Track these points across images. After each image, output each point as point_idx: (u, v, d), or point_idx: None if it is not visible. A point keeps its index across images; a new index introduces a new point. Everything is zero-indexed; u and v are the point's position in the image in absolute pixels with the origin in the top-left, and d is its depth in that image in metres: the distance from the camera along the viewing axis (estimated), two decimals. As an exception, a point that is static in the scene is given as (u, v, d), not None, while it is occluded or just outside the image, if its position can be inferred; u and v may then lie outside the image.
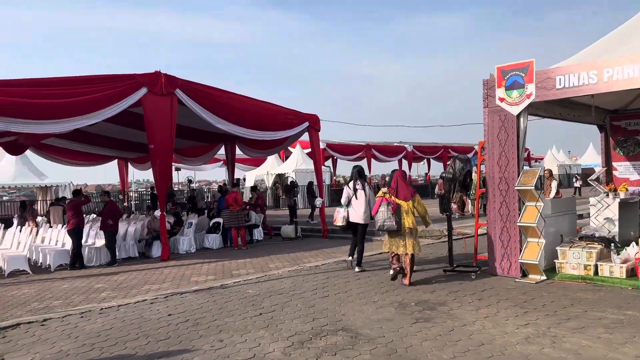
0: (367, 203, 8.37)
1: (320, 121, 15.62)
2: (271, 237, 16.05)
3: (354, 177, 8.58)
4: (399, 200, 7.35)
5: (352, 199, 8.46)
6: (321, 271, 8.76)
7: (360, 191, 8.33)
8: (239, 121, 13.58)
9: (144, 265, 11.76)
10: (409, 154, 35.77)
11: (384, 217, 7.27)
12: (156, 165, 12.40)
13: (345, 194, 8.62)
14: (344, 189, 8.78)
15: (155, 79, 12.07)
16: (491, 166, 7.69)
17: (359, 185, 8.33)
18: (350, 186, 8.58)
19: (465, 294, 6.61)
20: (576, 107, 8.74)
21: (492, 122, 7.67)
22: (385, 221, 7.27)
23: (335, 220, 8.72)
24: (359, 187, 8.33)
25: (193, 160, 20.15)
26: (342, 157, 32.49)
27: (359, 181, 8.35)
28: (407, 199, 7.37)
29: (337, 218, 8.58)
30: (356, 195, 8.34)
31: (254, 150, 17.46)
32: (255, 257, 12.21)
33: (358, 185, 8.33)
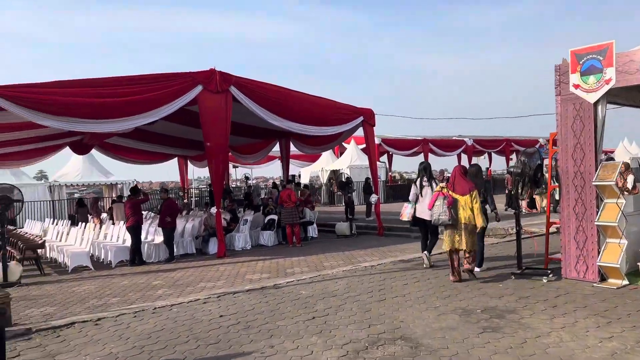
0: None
1: (375, 115, 15.13)
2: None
3: (420, 173, 8.56)
4: (456, 195, 7.21)
5: (418, 195, 8.43)
6: (377, 272, 8.32)
7: (427, 187, 8.27)
8: (293, 117, 13.34)
9: (200, 262, 11.76)
10: (468, 148, 34.45)
11: (439, 211, 7.23)
12: (212, 163, 12.37)
13: (412, 190, 8.61)
14: (412, 186, 8.79)
15: (210, 77, 12.02)
16: (565, 160, 6.98)
17: (425, 181, 8.29)
18: (417, 183, 8.54)
19: (537, 300, 5.99)
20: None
21: (565, 112, 6.95)
22: (440, 215, 7.23)
23: (401, 215, 8.80)
24: (426, 183, 8.30)
25: (248, 157, 20.19)
26: (398, 152, 31.72)
27: (426, 177, 8.32)
28: (464, 193, 7.17)
29: (404, 213, 8.66)
30: (421, 193, 8.32)
31: (308, 147, 17.21)
32: (310, 255, 11.93)
33: (425, 181, 8.30)
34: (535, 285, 6.70)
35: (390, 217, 18.41)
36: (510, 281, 7.07)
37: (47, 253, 13.74)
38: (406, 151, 31.62)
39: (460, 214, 7.12)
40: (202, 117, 12.03)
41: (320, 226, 16.57)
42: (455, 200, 7.14)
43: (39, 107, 9.99)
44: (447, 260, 8.65)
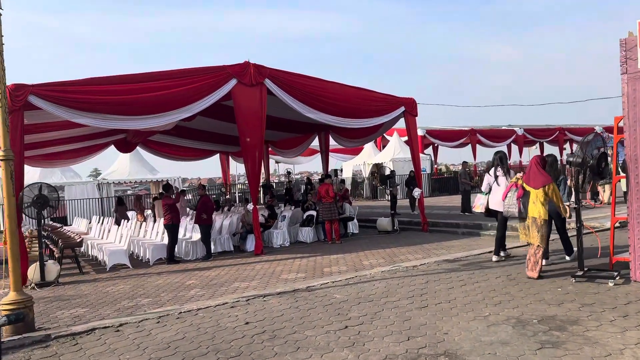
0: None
1: (418, 105, 14.32)
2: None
3: (495, 163, 8.31)
4: (529, 187, 6.83)
5: (492, 185, 8.16)
6: (419, 273, 7.64)
7: (502, 178, 8.00)
8: (330, 109, 12.75)
9: (237, 259, 11.41)
10: (519, 137, 32.82)
11: (509, 203, 7.06)
12: (247, 158, 11.98)
13: (485, 180, 8.40)
14: (485, 175, 8.58)
15: (244, 70, 11.61)
16: (634, 147, 6.08)
17: (499, 171, 8.04)
18: (490, 173, 8.29)
19: (603, 308, 5.18)
20: None
21: (633, 92, 6.04)
22: (510, 207, 7.06)
23: (474, 206, 8.71)
24: (500, 173, 8.04)
25: (287, 152, 19.78)
26: (444, 143, 30.57)
27: (500, 167, 8.08)
28: (537, 186, 6.71)
29: (477, 204, 8.53)
30: (497, 182, 8.03)
31: (347, 140, 16.58)
32: (349, 252, 11.35)
33: (499, 171, 8.05)
34: (600, 290, 5.86)
35: (436, 211, 17.58)
36: (570, 284, 6.25)
37: (89, 251, 13.80)
38: (452, 142, 30.42)
39: (530, 207, 6.73)
40: (236, 111, 11.64)
41: (361, 222, 15.95)
42: (527, 192, 6.81)
43: (74, 105, 9.87)
44: (487, 261, 7.95)
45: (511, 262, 7.96)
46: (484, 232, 12.75)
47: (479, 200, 8.42)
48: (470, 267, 7.76)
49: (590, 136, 6.19)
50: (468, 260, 8.43)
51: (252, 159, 11.83)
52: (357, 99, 13.20)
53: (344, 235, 13.96)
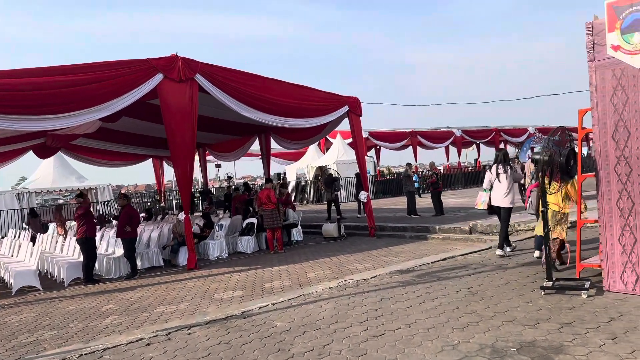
0: (510, 187, 8.13)
1: (362, 105, 13.54)
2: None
3: (498, 160, 8.34)
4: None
5: (494, 182, 8.22)
6: (371, 288, 6.73)
7: (503, 175, 8.05)
8: (269, 108, 11.70)
9: (166, 276, 10.12)
10: (457, 139, 33.06)
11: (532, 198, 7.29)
12: (177, 162, 10.71)
13: (487, 177, 8.45)
14: (486, 172, 8.62)
15: (171, 64, 10.34)
16: (603, 142, 5.45)
17: (501, 169, 8.10)
18: (492, 170, 8.31)
19: (586, 328, 4.44)
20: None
21: (602, 81, 5.41)
22: (533, 202, 7.26)
23: (476, 204, 8.81)
24: (501, 170, 8.08)
25: (226, 156, 18.51)
26: (386, 145, 30.20)
27: (502, 165, 8.13)
28: (556, 180, 6.08)
29: (479, 202, 8.63)
30: (499, 179, 8.10)
31: (289, 141, 15.57)
32: (293, 263, 10.35)
33: (500, 169, 8.10)
34: (575, 304, 5.16)
35: (381, 214, 16.89)
36: (540, 297, 5.52)
37: (-3, 272, 12.00)
38: (395, 144, 30.12)
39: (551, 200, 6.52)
40: (164, 110, 10.35)
41: (305, 228, 14.98)
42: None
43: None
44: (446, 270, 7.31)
45: (470, 271, 7.22)
46: (431, 235, 12.12)
47: (481, 198, 8.47)
48: (425, 279, 6.94)
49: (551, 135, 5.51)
50: (422, 270, 7.62)
51: (183, 164, 10.58)
52: (298, 98, 12.23)
53: (288, 243, 12.93)
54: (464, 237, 11.52)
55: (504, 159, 8.25)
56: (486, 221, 12.06)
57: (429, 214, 15.45)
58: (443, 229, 12.18)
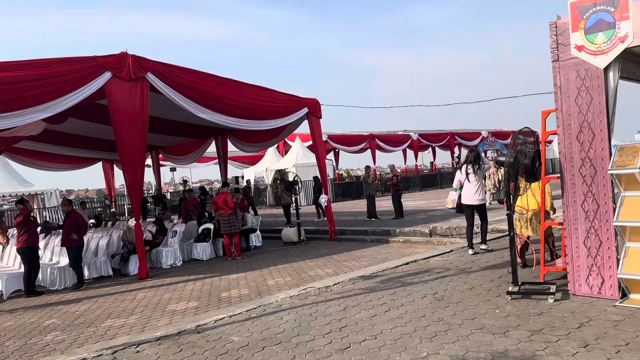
0: (480, 185, 8.39)
1: (322, 107, 13.28)
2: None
3: (468, 160, 8.56)
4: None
5: (464, 182, 8.46)
6: (334, 296, 6.43)
7: (472, 175, 8.29)
8: (226, 109, 11.26)
9: (116, 287, 9.53)
10: (414, 142, 33.41)
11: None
12: (127, 166, 10.11)
13: (457, 177, 8.71)
14: (456, 172, 8.85)
15: (120, 61, 9.76)
16: (568, 143, 5.37)
17: (470, 169, 8.34)
18: (462, 170, 8.54)
19: (556, 335, 4.29)
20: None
21: (566, 82, 5.33)
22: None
23: (447, 203, 9.29)
24: (471, 170, 8.32)
25: (181, 159, 17.84)
26: (345, 148, 30.14)
27: (471, 165, 8.36)
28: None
29: (449, 201, 9.13)
30: (469, 179, 8.33)
31: (247, 144, 15.12)
32: (251, 270, 9.94)
33: (470, 169, 8.34)
34: (542, 310, 5.03)
35: (341, 217, 16.68)
36: (506, 302, 5.37)
37: None
38: (353, 147, 30.09)
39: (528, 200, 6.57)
40: (112, 110, 9.75)
41: (264, 232, 14.58)
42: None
43: None
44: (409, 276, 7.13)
45: (434, 275, 7.04)
46: (392, 238, 11.98)
47: (450, 197, 8.93)
48: (389, 285, 6.71)
49: (526, 131, 5.38)
50: (385, 275, 7.39)
51: (133, 168, 10.00)
52: (256, 99, 11.84)
53: (246, 249, 12.50)
54: (425, 239, 11.43)
55: (474, 160, 8.42)
56: (446, 224, 12.02)
57: (389, 217, 15.35)
58: (404, 232, 12.06)
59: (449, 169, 37.66)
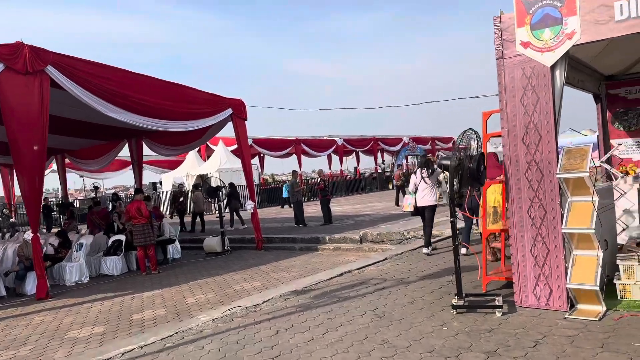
0: (434, 188, 8.68)
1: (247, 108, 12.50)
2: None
3: (421, 164, 8.86)
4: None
5: (419, 185, 8.68)
6: (264, 316, 5.70)
7: (427, 178, 8.56)
8: (139, 109, 10.16)
9: (9, 309, 8.25)
10: (339, 147, 33.30)
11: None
12: (22, 171, 8.76)
13: (412, 181, 8.95)
14: (411, 176, 9.14)
15: (15, 52, 8.47)
16: (513, 145, 5.04)
17: (425, 172, 8.65)
18: (417, 174, 8.85)
19: (514, 356, 3.86)
20: (578, 68, 6.32)
21: (511, 80, 5.01)
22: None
23: (404, 207, 9.31)
24: (425, 174, 8.63)
25: (90, 163, 16.24)
26: (270, 153, 29.34)
27: (425, 169, 8.69)
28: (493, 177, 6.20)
29: (406, 204, 9.11)
30: (425, 181, 8.57)
31: (164, 147, 13.96)
32: (169, 285, 8.98)
33: (424, 172, 8.66)
34: (492, 325, 4.62)
35: (268, 224, 15.93)
36: (452, 318, 4.93)
37: None
38: (279, 152, 29.37)
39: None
40: (4, 108, 8.42)
41: (184, 243, 13.52)
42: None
43: None
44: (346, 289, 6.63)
45: (371, 287, 6.52)
46: (322, 245, 11.45)
47: (407, 200, 8.94)
48: (324, 300, 6.09)
49: (469, 133, 4.98)
50: (319, 288, 6.77)
51: (30, 173, 8.68)
52: (174, 98, 10.83)
53: (163, 262, 11.42)
54: (355, 246, 11.00)
55: (427, 164, 8.77)
56: (376, 229, 11.68)
57: (317, 222, 14.83)
58: (334, 238, 11.57)
59: (373, 174, 38.04)
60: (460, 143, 4.91)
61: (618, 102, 8.14)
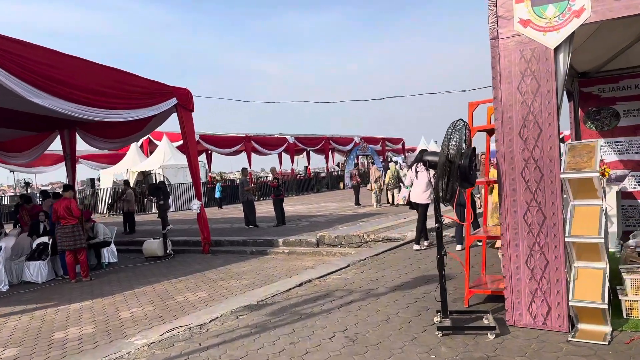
0: (428, 185, 8.24)
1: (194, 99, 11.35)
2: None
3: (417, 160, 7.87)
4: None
5: (414, 180, 8.49)
6: (212, 340, 4.71)
7: (421, 173, 8.09)
8: (70, 94, 8.82)
9: None
10: (290, 146, 32.38)
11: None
12: None
13: (408, 176, 8.93)
14: (408, 171, 9.03)
15: None
16: (508, 140, 4.32)
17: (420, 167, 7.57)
18: (412, 169, 8.35)
19: (527, 397, 3.12)
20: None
21: (507, 65, 4.29)
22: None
23: (397, 199, 9.68)
24: (421, 169, 7.82)
25: (18, 157, 14.48)
26: (219, 150, 27.97)
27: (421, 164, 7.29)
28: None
29: (399, 198, 9.45)
30: (417, 176, 8.33)
31: (100, 140, 12.54)
32: (101, 296, 7.80)
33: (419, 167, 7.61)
34: (486, 351, 3.87)
35: (216, 225, 14.79)
36: (438, 342, 4.15)
37: None
38: (228, 149, 28.06)
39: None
40: None
41: (122, 245, 12.21)
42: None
43: None
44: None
45: (336, 301, 5.66)
46: (275, 249, 10.53)
47: (402, 194, 9.35)
48: (284, 318, 5.18)
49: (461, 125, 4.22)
50: (276, 302, 5.85)
51: None
52: (111, 83, 9.54)
53: (97, 267, 10.12)
54: (312, 250, 10.15)
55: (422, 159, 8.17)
56: (333, 232, 10.89)
57: (268, 223, 13.88)
58: (288, 241, 10.66)
59: (324, 174, 37.37)
60: (449, 137, 4.14)
61: (591, 101, 7.70)
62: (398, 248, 8.67)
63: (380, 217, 13.33)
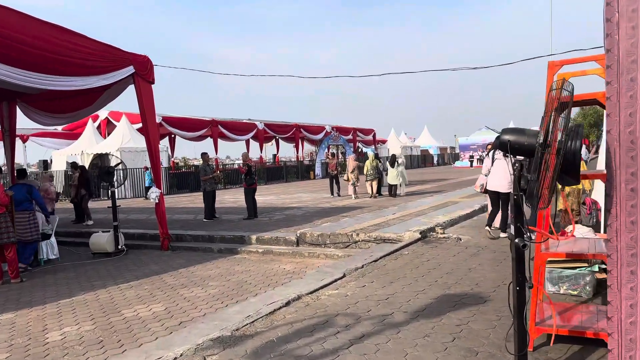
0: (506, 172, 7.40)
1: (154, 68, 9.45)
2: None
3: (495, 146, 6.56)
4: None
5: (491, 168, 7.99)
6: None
7: (498, 161, 7.76)
8: (6, 55, 6.86)
9: None
10: (259, 132, 30.46)
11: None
12: None
13: (485, 164, 8.44)
14: (485, 159, 8.67)
15: None
16: (626, 114, 2.81)
17: (498, 154, 7.79)
18: (490, 156, 8.24)
19: None
20: None
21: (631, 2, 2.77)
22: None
23: (475, 186, 9.01)
24: (498, 156, 7.79)
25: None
26: (183, 134, 25.76)
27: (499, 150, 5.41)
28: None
29: (477, 185, 8.83)
30: (494, 165, 7.84)
31: (44, 114, 10.46)
32: (29, 305, 6.00)
33: (497, 154, 7.80)
34: None
35: (178, 216, 12.95)
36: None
37: None
38: (193, 133, 25.91)
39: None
40: None
41: (65, 237, 10.26)
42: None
43: None
44: (297, 323, 4.17)
45: (342, 335, 4.06)
46: (248, 247, 8.86)
47: (480, 181, 8.62)
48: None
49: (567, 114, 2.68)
50: (258, 333, 4.20)
51: None
52: (55, 43, 7.57)
53: (32, 264, 8.19)
54: (291, 250, 8.53)
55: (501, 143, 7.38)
56: (316, 229, 9.28)
57: (238, 215, 12.19)
58: (262, 239, 9.00)
59: (294, 163, 35.69)
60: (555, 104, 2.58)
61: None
62: (397, 252, 7.16)
63: (362, 211, 11.85)
